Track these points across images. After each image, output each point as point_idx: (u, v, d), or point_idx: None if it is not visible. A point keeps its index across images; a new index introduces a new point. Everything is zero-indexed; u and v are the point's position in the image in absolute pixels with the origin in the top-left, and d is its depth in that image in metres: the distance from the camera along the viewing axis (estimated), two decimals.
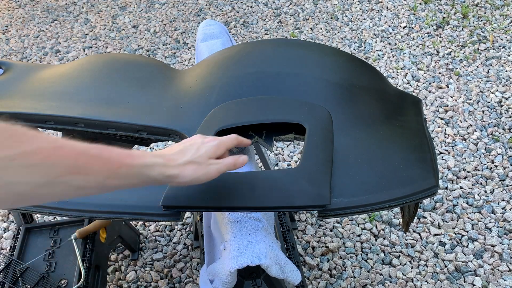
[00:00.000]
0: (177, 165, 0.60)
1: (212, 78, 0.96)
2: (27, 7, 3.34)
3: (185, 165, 0.60)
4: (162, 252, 1.65)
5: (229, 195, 0.69)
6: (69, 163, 0.48)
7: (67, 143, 0.49)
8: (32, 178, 0.45)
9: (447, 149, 1.94)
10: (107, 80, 1.01)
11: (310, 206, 0.67)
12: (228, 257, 0.71)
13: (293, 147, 2.03)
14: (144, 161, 0.56)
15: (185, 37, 2.87)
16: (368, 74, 0.99)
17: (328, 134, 0.80)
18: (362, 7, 2.95)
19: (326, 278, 1.51)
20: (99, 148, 0.52)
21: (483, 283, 1.47)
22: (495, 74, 2.31)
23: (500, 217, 1.67)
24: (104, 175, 0.51)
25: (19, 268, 1.22)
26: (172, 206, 0.70)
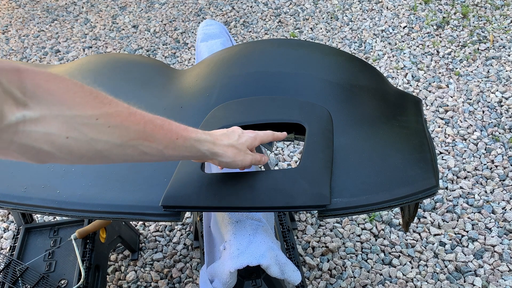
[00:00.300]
0: (222, 145, 0.65)
1: (212, 78, 0.96)
2: (27, 7, 3.34)
3: (229, 147, 0.66)
4: (162, 252, 1.65)
5: (229, 195, 0.69)
6: (139, 129, 0.53)
7: (137, 111, 0.54)
8: (110, 137, 0.50)
9: (447, 149, 1.94)
10: (107, 80, 1.01)
11: (310, 206, 0.67)
12: (228, 257, 0.71)
13: (293, 147, 2.03)
14: (197, 135, 0.61)
15: (185, 37, 2.87)
16: (368, 74, 0.99)
17: (328, 134, 0.80)
18: (362, 7, 2.95)
19: (326, 278, 1.51)
20: (162, 119, 0.57)
21: (483, 283, 1.47)
22: (495, 74, 2.31)
23: (500, 217, 1.67)
24: (164, 144, 0.56)
25: (19, 268, 1.22)
26: (172, 206, 0.70)
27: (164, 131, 0.56)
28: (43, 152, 0.46)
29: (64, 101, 0.46)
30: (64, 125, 0.46)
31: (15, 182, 0.79)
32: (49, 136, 0.45)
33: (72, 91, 0.47)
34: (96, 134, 0.48)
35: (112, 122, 0.50)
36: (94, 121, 0.48)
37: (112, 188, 0.76)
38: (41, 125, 0.44)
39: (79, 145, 0.48)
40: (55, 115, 0.45)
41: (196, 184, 0.72)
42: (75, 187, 0.77)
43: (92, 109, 0.48)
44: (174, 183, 0.73)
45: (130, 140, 0.52)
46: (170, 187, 0.72)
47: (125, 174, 0.79)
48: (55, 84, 0.46)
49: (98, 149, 0.50)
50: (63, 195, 0.76)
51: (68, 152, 0.48)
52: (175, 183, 0.73)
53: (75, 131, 0.47)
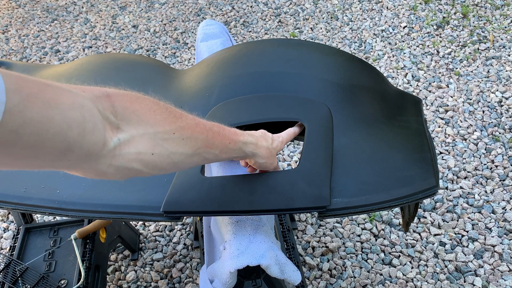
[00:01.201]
0: (262, 147, 0.69)
1: (212, 78, 0.96)
2: (27, 7, 3.34)
3: (266, 149, 0.70)
4: (162, 252, 1.65)
5: (229, 199, 0.69)
6: (204, 138, 0.56)
7: (201, 121, 0.57)
8: (184, 149, 0.53)
9: (447, 149, 1.94)
10: (107, 80, 1.01)
11: (310, 207, 0.67)
12: (228, 257, 0.71)
13: (293, 147, 2.03)
14: (243, 138, 0.65)
15: (185, 37, 2.87)
16: (368, 74, 0.99)
17: (328, 132, 0.80)
18: (362, 7, 2.95)
19: (326, 278, 1.51)
20: (217, 126, 0.60)
21: (483, 283, 1.47)
22: (495, 74, 2.31)
23: (500, 217, 1.66)
24: (220, 149, 0.60)
25: (19, 268, 1.22)
26: (173, 212, 0.70)
27: (220, 137, 0.59)
28: (134, 170, 0.49)
29: (148, 120, 0.49)
30: (149, 143, 0.49)
31: (15, 182, 0.79)
32: (139, 155, 0.48)
33: (152, 110, 0.50)
34: (174, 147, 0.52)
35: (185, 134, 0.53)
36: (172, 135, 0.51)
37: (112, 188, 0.76)
38: (133, 146, 0.47)
39: (161, 159, 0.51)
40: (142, 134, 0.48)
41: (196, 188, 0.72)
42: (75, 187, 0.77)
43: (169, 124, 0.51)
44: (175, 188, 0.73)
45: (198, 149, 0.55)
46: (170, 192, 0.72)
47: None
48: (138, 104, 0.48)
49: (175, 161, 0.53)
50: (63, 195, 0.76)
51: (153, 167, 0.51)
52: (175, 188, 0.73)
53: (158, 146, 0.50)
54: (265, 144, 0.69)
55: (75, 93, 0.42)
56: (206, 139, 0.56)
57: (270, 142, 0.71)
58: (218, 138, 0.59)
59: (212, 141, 0.58)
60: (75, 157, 0.42)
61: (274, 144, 0.72)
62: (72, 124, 0.39)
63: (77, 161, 0.43)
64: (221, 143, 0.60)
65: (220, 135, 0.59)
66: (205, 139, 0.56)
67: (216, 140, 0.58)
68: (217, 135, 0.59)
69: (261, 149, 0.68)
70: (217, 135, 0.59)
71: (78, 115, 0.40)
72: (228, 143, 0.61)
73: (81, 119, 0.41)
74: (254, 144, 0.67)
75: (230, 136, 0.62)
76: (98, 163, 0.45)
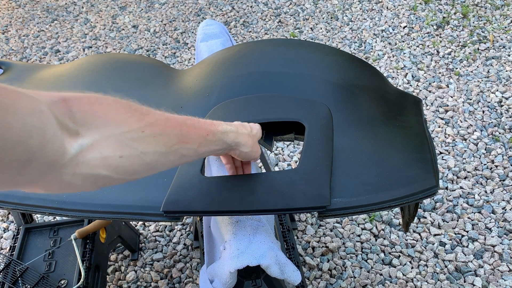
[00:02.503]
0: (243, 134, 0.66)
1: (212, 78, 0.96)
2: (27, 7, 3.34)
3: (248, 137, 0.67)
4: (162, 252, 1.65)
5: (229, 199, 0.69)
6: (177, 133, 0.53)
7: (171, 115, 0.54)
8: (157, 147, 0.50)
9: (447, 149, 1.94)
10: (107, 80, 1.01)
11: (310, 207, 0.67)
12: (228, 257, 0.71)
13: (293, 147, 2.03)
14: (222, 128, 0.61)
15: (185, 37, 2.87)
16: (368, 74, 0.99)
17: (328, 132, 0.80)
18: (362, 7, 2.95)
19: (326, 278, 1.51)
20: (191, 118, 0.57)
21: (483, 283, 1.47)
22: (495, 74, 2.31)
23: (500, 217, 1.66)
24: (198, 142, 0.56)
25: (19, 268, 1.22)
26: (173, 212, 0.70)
27: (196, 129, 0.56)
28: (102, 177, 0.46)
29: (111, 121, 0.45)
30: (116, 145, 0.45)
31: None
32: (105, 159, 0.45)
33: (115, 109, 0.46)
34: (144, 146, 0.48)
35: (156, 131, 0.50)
36: (141, 134, 0.48)
37: (112, 188, 0.76)
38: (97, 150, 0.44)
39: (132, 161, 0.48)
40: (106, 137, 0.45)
41: (196, 188, 0.72)
42: None
43: (136, 122, 0.48)
44: (175, 188, 0.73)
45: (172, 145, 0.52)
46: (170, 192, 0.72)
47: None
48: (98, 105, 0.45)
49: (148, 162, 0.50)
50: (63, 195, 0.76)
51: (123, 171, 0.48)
52: (175, 188, 0.73)
53: (127, 147, 0.47)
54: (245, 132, 0.66)
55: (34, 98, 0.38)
56: (180, 134, 0.53)
57: (249, 130, 0.68)
58: (194, 131, 0.56)
59: (188, 135, 0.54)
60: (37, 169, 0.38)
61: (253, 131, 0.69)
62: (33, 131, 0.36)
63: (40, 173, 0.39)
64: (198, 136, 0.56)
65: (196, 127, 0.56)
66: (179, 134, 0.53)
67: (192, 134, 0.55)
68: (192, 128, 0.56)
69: (243, 136, 0.65)
70: (192, 128, 0.56)
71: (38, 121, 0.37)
72: (206, 134, 0.58)
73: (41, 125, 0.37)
74: (234, 132, 0.64)
75: (208, 127, 0.59)
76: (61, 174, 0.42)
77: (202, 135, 0.57)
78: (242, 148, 0.66)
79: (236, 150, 0.67)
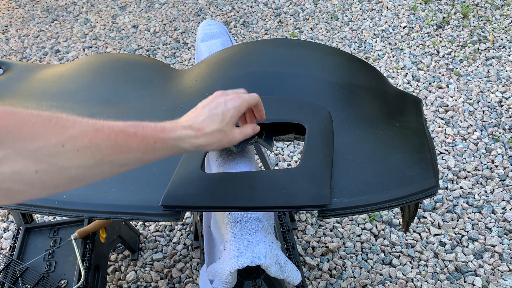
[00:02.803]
0: (205, 134, 0.61)
1: (212, 78, 0.96)
2: (27, 7, 3.34)
3: (213, 134, 0.61)
4: (162, 252, 1.65)
5: (229, 195, 0.69)
6: (111, 144, 0.50)
7: (105, 124, 0.50)
8: (82, 161, 0.47)
9: (447, 149, 1.94)
10: (107, 80, 1.01)
11: (311, 206, 0.67)
12: (228, 257, 0.71)
13: (293, 147, 2.03)
14: (176, 134, 0.58)
15: (185, 37, 2.87)
16: (368, 74, 0.99)
17: (328, 134, 0.80)
18: (362, 7, 2.95)
19: (326, 278, 1.51)
20: (135, 125, 0.53)
21: (483, 283, 1.47)
22: (495, 74, 2.31)
23: (500, 217, 1.66)
24: (142, 151, 0.54)
25: (19, 268, 1.22)
26: (172, 206, 0.70)
27: (139, 138, 0.53)
28: (13, 191, 0.44)
29: (25, 135, 0.43)
30: (30, 160, 0.43)
31: None
32: (17, 174, 0.43)
33: (30, 123, 0.44)
34: (66, 161, 0.46)
35: (80, 145, 0.47)
36: (60, 148, 0.45)
37: (112, 188, 0.76)
38: (7, 165, 0.42)
39: (51, 176, 0.46)
40: (18, 152, 0.43)
41: (196, 184, 0.72)
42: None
43: (55, 136, 0.45)
44: (174, 183, 0.73)
45: (104, 157, 0.49)
46: (170, 187, 0.72)
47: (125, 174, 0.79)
48: (10, 119, 0.43)
49: (72, 175, 0.47)
50: (63, 195, 0.76)
51: (42, 186, 0.46)
52: (175, 183, 0.73)
53: (43, 163, 0.44)
54: (209, 129, 0.61)
55: None
56: (115, 144, 0.50)
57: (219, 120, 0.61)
58: (136, 140, 0.52)
59: (127, 145, 0.51)
60: None
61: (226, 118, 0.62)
62: None
63: None
64: (142, 144, 0.53)
65: (138, 136, 0.53)
66: (114, 145, 0.50)
67: (132, 143, 0.52)
68: (133, 137, 0.52)
69: (205, 137, 0.60)
70: (133, 137, 0.52)
71: None
72: (154, 142, 0.54)
73: None
74: (192, 137, 0.59)
75: (155, 135, 0.55)
76: None
77: (148, 144, 0.54)
78: (207, 148, 0.62)
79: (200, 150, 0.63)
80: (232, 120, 0.63)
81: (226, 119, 0.62)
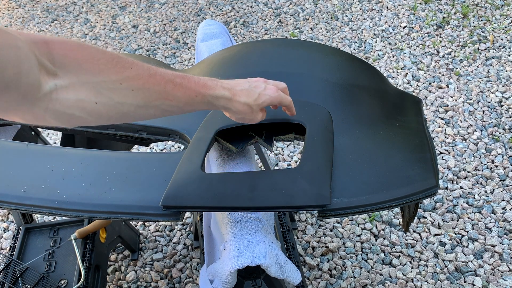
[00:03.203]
0: (238, 102, 0.65)
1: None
2: (27, 7, 3.34)
3: (244, 105, 0.66)
4: (162, 252, 1.65)
5: (229, 195, 0.69)
6: (160, 90, 0.55)
7: (158, 71, 0.55)
8: (135, 100, 0.53)
9: (447, 149, 1.94)
10: None
11: (311, 206, 0.67)
12: (228, 257, 0.71)
13: (293, 147, 2.03)
14: (214, 92, 0.62)
15: (185, 37, 2.87)
16: (368, 74, 0.99)
17: (328, 134, 0.80)
18: (362, 7, 2.95)
19: (326, 278, 1.51)
20: (182, 76, 0.58)
21: (483, 283, 1.47)
22: (495, 74, 2.31)
23: (500, 217, 1.67)
24: (184, 101, 0.58)
25: (19, 268, 1.22)
26: (172, 206, 0.70)
27: (184, 89, 0.57)
28: (76, 117, 0.49)
29: (90, 69, 0.48)
30: (92, 91, 0.48)
31: (15, 182, 0.79)
32: (80, 102, 0.48)
33: (96, 58, 0.49)
34: (121, 97, 0.51)
35: (135, 85, 0.52)
36: (118, 85, 0.50)
37: (112, 188, 0.76)
38: (72, 93, 0.47)
39: (107, 108, 0.51)
40: (83, 82, 0.48)
41: (196, 184, 0.72)
42: (75, 187, 0.77)
43: (115, 74, 0.50)
44: (174, 183, 0.73)
45: (153, 100, 0.54)
46: (170, 187, 0.72)
47: (125, 174, 0.79)
48: (80, 52, 0.48)
49: (124, 111, 0.52)
50: (63, 195, 0.76)
51: (98, 116, 0.51)
52: (175, 183, 0.73)
53: (102, 96, 0.49)
54: (244, 100, 0.65)
55: (11, 35, 0.42)
56: (163, 91, 0.55)
57: (254, 98, 0.66)
58: (181, 91, 0.57)
59: (173, 93, 0.56)
60: (12, 98, 0.42)
61: (260, 100, 0.67)
62: (7, 64, 0.40)
63: (14, 102, 0.43)
64: (185, 96, 0.58)
65: (184, 87, 0.57)
66: (162, 91, 0.55)
67: (177, 93, 0.57)
68: (179, 88, 0.57)
69: (237, 104, 0.65)
70: (179, 87, 0.57)
71: (13, 55, 0.41)
72: (195, 96, 0.59)
73: (17, 59, 0.41)
74: (227, 99, 0.64)
75: (197, 89, 0.59)
76: (35, 106, 0.45)
77: (190, 96, 0.58)
78: (232, 114, 0.68)
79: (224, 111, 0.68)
80: (263, 104, 0.68)
81: (259, 101, 0.67)
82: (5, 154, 0.86)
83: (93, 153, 0.84)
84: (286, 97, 0.72)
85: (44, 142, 1.30)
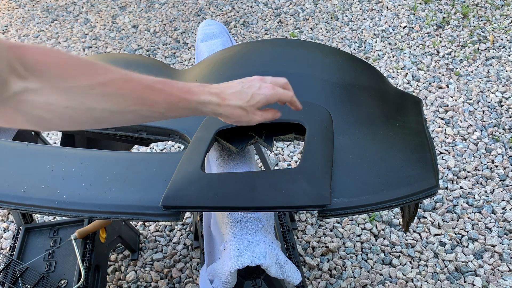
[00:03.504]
0: (228, 106, 0.63)
1: (212, 78, 0.96)
2: (27, 7, 3.34)
3: (236, 109, 0.63)
4: (162, 252, 1.65)
5: (229, 195, 0.69)
6: (137, 96, 0.54)
7: (135, 77, 0.55)
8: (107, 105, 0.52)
9: (447, 149, 1.94)
10: None
11: (311, 206, 0.67)
12: (228, 257, 0.71)
13: (293, 147, 2.03)
14: (200, 98, 0.60)
15: (185, 37, 2.87)
16: (368, 74, 0.99)
17: (328, 134, 0.80)
18: (362, 7, 2.95)
19: (326, 278, 1.51)
20: (163, 82, 0.57)
21: (483, 283, 1.47)
22: (495, 74, 2.31)
23: (500, 217, 1.66)
24: (165, 107, 0.57)
25: (19, 268, 1.22)
26: (172, 206, 0.70)
27: (165, 95, 0.56)
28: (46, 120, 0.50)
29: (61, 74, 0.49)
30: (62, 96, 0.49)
31: (15, 182, 0.79)
32: (49, 105, 0.49)
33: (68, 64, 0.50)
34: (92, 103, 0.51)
35: (107, 91, 0.52)
36: (89, 91, 0.51)
37: (112, 188, 0.76)
38: (41, 96, 0.48)
39: (79, 113, 0.51)
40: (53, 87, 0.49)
41: (196, 184, 0.72)
42: (75, 187, 0.77)
43: (87, 79, 0.50)
44: (174, 183, 0.73)
45: (128, 106, 0.54)
46: (170, 187, 0.72)
47: (125, 174, 0.79)
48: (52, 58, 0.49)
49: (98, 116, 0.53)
50: (63, 195, 0.76)
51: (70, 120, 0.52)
52: (175, 183, 0.73)
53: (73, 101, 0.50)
54: (234, 103, 0.62)
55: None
56: (140, 97, 0.54)
57: (246, 99, 0.63)
58: (161, 96, 0.56)
59: (152, 99, 0.55)
60: None
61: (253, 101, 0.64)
62: None
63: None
64: (166, 101, 0.56)
65: (165, 93, 0.56)
66: (139, 97, 0.54)
67: (157, 98, 0.55)
68: (159, 93, 0.56)
69: (227, 108, 0.62)
70: (158, 93, 0.55)
71: None
72: (178, 101, 0.57)
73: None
74: (215, 104, 0.61)
75: (180, 95, 0.58)
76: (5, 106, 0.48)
77: (171, 102, 0.57)
78: (225, 119, 0.65)
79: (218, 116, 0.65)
80: (258, 105, 0.65)
81: (253, 101, 0.64)
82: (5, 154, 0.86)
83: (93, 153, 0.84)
84: (286, 92, 0.68)
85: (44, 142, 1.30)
